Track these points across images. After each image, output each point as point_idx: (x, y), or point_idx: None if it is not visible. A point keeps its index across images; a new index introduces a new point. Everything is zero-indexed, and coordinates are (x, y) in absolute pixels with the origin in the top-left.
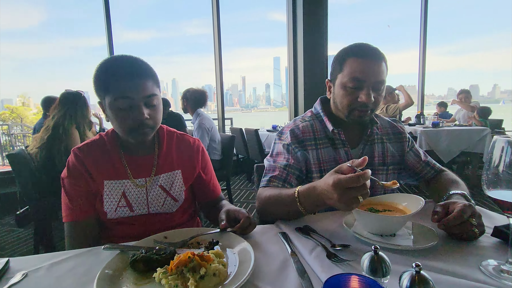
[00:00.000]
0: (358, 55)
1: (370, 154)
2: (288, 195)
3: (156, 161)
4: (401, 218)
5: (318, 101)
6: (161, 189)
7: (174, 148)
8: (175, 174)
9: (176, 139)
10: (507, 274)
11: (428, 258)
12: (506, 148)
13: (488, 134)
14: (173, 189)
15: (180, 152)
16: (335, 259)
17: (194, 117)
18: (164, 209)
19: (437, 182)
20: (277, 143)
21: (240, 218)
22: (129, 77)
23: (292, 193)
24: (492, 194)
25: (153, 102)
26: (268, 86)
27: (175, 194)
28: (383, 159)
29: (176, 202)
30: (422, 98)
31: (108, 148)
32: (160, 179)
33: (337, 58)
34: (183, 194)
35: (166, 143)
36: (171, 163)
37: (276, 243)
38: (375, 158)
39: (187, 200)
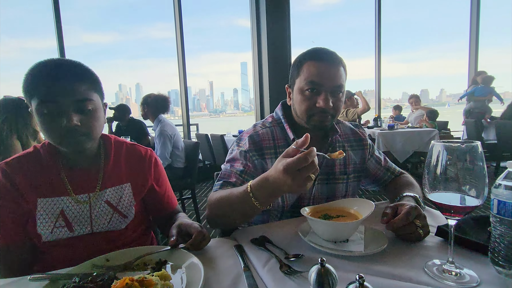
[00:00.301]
0: (315, 59)
1: (331, 163)
2: (240, 192)
3: (101, 174)
4: (354, 224)
5: (280, 106)
6: (107, 205)
7: (123, 159)
8: (123, 187)
9: (126, 149)
10: (448, 273)
11: (377, 263)
12: (442, 152)
13: (436, 135)
14: (121, 204)
15: (130, 163)
16: (288, 271)
17: (155, 124)
18: (111, 227)
19: (394, 184)
20: (235, 149)
21: (192, 233)
22: (56, 80)
23: (244, 189)
24: (432, 197)
25: (87, 107)
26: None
27: (124, 210)
28: (345, 167)
29: (125, 219)
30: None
31: (43, 161)
32: (106, 193)
33: (294, 63)
34: (133, 209)
35: (113, 154)
36: (119, 175)
37: (231, 257)
38: (336, 167)
39: (139, 215)
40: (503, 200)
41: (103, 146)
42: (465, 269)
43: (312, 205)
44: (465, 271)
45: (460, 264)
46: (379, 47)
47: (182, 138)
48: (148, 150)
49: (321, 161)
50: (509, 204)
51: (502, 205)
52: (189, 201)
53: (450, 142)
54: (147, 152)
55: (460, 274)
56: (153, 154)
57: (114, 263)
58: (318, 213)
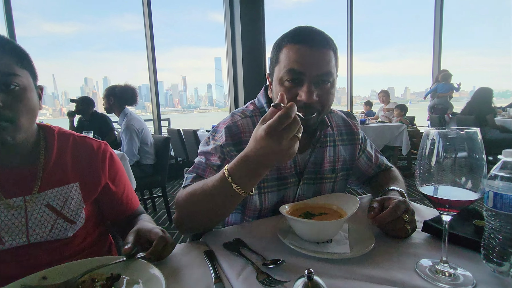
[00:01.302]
0: (295, 41)
1: (319, 159)
2: (216, 180)
3: (41, 172)
4: (338, 223)
5: (262, 92)
6: (48, 209)
7: (69, 154)
8: (69, 188)
9: (73, 143)
10: (442, 274)
11: (365, 265)
12: (437, 141)
13: (405, 130)
14: (66, 208)
15: (78, 159)
16: (266, 281)
17: (121, 118)
18: (54, 236)
19: (379, 177)
20: (210, 143)
21: (153, 239)
22: None
23: (221, 176)
24: (425, 191)
25: (11, 84)
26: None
27: (70, 214)
28: (333, 165)
29: (72, 225)
30: (350, 98)
31: None
32: (47, 196)
33: (273, 47)
34: (83, 213)
35: (57, 149)
36: (65, 174)
37: (200, 265)
38: (325, 165)
39: (91, 220)
40: (499, 193)
41: (44, 139)
42: (459, 269)
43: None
44: (459, 271)
45: (453, 264)
46: (351, 46)
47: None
48: (102, 144)
49: (308, 158)
50: (506, 196)
51: (498, 198)
52: (159, 200)
53: (447, 129)
54: (101, 146)
55: (455, 274)
56: (107, 148)
57: (53, 281)
58: (299, 211)
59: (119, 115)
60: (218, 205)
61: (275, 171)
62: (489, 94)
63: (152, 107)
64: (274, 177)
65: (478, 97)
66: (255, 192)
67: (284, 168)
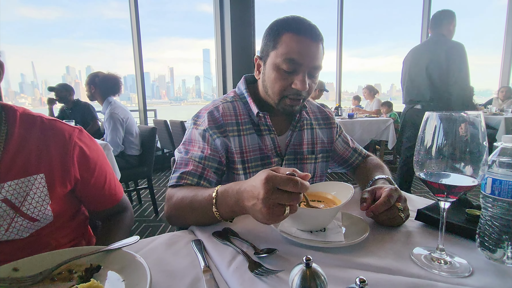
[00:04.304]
0: (296, 32)
1: (298, 141)
2: (204, 197)
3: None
4: (332, 211)
5: (243, 80)
6: (5, 205)
7: (34, 141)
8: (32, 180)
9: (40, 127)
10: (437, 262)
11: (360, 254)
12: (439, 126)
13: (391, 124)
14: (27, 204)
15: (45, 147)
16: (258, 271)
17: (104, 106)
18: (12, 235)
19: (363, 168)
20: (191, 128)
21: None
22: None
23: (210, 194)
24: (424, 176)
25: None
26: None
27: (32, 211)
28: (312, 147)
29: (34, 223)
30: (339, 93)
31: None
32: (3, 189)
33: (271, 31)
34: (49, 209)
35: (18, 134)
36: (27, 163)
37: (188, 255)
38: (304, 146)
39: (63, 216)
40: (498, 179)
41: (5, 122)
42: (455, 256)
43: None
44: (456, 259)
45: (449, 251)
46: (341, 42)
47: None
48: (76, 129)
49: (289, 139)
50: (505, 182)
51: (497, 184)
52: (145, 192)
53: (449, 112)
54: (74, 131)
55: (451, 262)
56: (83, 134)
57: (26, 273)
58: None
59: (103, 103)
60: (205, 218)
61: (258, 150)
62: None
63: (138, 97)
64: (257, 156)
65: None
66: (241, 172)
67: (265, 149)
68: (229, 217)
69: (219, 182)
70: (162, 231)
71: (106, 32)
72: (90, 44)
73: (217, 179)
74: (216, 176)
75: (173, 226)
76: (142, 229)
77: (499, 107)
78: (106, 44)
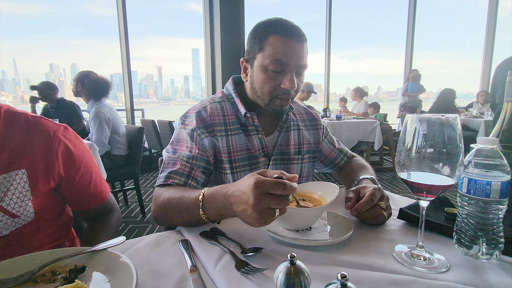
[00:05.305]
0: (281, 33)
1: (285, 142)
2: (191, 199)
3: None
4: (318, 210)
5: (230, 81)
6: None
7: (17, 137)
8: (13, 176)
9: (24, 124)
10: (417, 258)
11: (344, 252)
12: (418, 128)
13: (378, 126)
14: (7, 199)
15: (28, 143)
16: (245, 269)
17: (89, 105)
18: None
19: (348, 168)
20: (179, 128)
21: None
22: None
23: (196, 196)
24: (404, 176)
25: None
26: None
27: (13, 207)
28: (299, 147)
29: (14, 219)
30: (327, 95)
31: None
32: None
33: (255, 34)
34: (30, 205)
35: (1, 131)
36: (9, 159)
37: (175, 255)
38: (290, 147)
39: (45, 214)
40: (473, 178)
41: None
42: (434, 253)
43: None
44: (435, 255)
45: (428, 248)
46: (329, 44)
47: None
48: (61, 127)
49: (276, 140)
50: (481, 182)
51: (472, 183)
52: (132, 193)
53: (428, 114)
54: (59, 129)
55: (430, 258)
56: (68, 132)
57: (7, 275)
58: None
59: (88, 102)
60: (191, 220)
61: (245, 150)
62: (452, 94)
63: (125, 97)
64: (244, 156)
65: (443, 97)
66: (228, 172)
67: (253, 149)
68: (217, 219)
69: (207, 182)
70: (149, 232)
71: (92, 29)
72: (76, 41)
73: (205, 178)
74: (204, 176)
75: (160, 225)
76: (129, 230)
77: (479, 110)
78: (92, 42)
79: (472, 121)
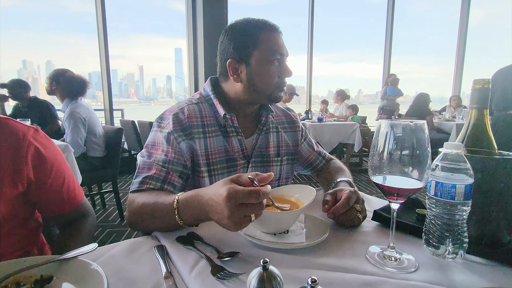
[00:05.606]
0: (269, 29)
1: (265, 144)
2: (165, 205)
3: None
4: (294, 213)
5: (208, 82)
6: None
7: None
8: None
9: None
10: (389, 259)
11: (319, 255)
12: (389, 133)
13: (357, 128)
14: None
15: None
16: (220, 275)
17: (64, 104)
18: None
19: (326, 171)
20: (155, 131)
21: None
22: None
23: (171, 202)
24: (377, 180)
25: None
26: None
27: None
28: (278, 149)
29: None
30: (309, 97)
31: None
32: None
33: (245, 33)
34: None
35: None
36: None
37: (149, 262)
38: (270, 149)
39: (12, 221)
40: (440, 181)
41: None
42: (404, 253)
43: None
44: (404, 255)
45: (399, 249)
46: (311, 47)
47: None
48: (31, 129)
49: (255, 141)
50: (447, 185)
51: (439, 186)
52: (110, 196)
53: (398, 120)
54: (29, 130)
55: (400, 259)
56: (38, 134)
57: None
58: None
59: (63, 101)
60: (167, 225)
61: (224, 153)
62: (426, 98)
63: (104, 96)
64: (223, 159)
65: (418, 101)
66: (206, 175)
67: (232, 151)
68: (194, 224)
69: (184, 186)
70: (127, 236)
71: (70, 25)
72: (52, 37)
73: (182, 183)
74: (181, 180)
75: (134, 230)
76: (106, 235)
77: (452, 114)
78: (70, 38)
79: (445, 124)
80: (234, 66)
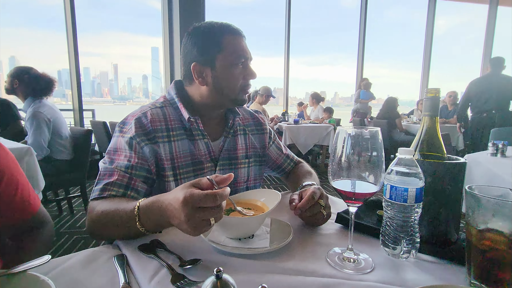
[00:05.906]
0: (233, 33)
1: (233, 146)
2: (126, 212)
3: None
4: (259, 218)
5: (173, 85)
6: None
7: None
8: None
9: None
10: (347, 261)
11: (282, 259)
12: (347, 139)
13: (332, 130)
14: None
15: None
16: (180, 283)
17: (26, 103)
18: None
19: (294, 173)
20: (117, 136)
21: None
22: None
23: (132, 209)
24: (336, 185)
25: None
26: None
27: None
28: (246, 151)
29: None
30: (286, 99)
31: None
32: None
33: (208, 38)
34: None
35: None
36: None
37: (108, 272)
38: (238, 151)
39: None
40: (394, 185)
41: None
42: (361, 254)
43: None
44: (362, 256)
45: (357, 250)
46: (288, 49)
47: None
48: None
49: (222, 144)
50: (400, 188)
51: (393, 190)
52: (78, 200)
53: (354, 128)
54: None
55: (357, 260)
56: None
57: None
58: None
59: (24, 100)
60: (129, 233)
61: (189, 156)
62: (395, 102)
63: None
64: (188, 162)
65: (386, 105)
66: (171, 179)
67: (198, 154)
68: (157, 230)
69: (150, 192)
70: (95, 244)
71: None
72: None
73: (147, 188)
74: (146, 185)
75: (95, 239)
76: (73, 242)
77: (419, 117)
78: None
79: (413, 126)
80: (199, 70)
